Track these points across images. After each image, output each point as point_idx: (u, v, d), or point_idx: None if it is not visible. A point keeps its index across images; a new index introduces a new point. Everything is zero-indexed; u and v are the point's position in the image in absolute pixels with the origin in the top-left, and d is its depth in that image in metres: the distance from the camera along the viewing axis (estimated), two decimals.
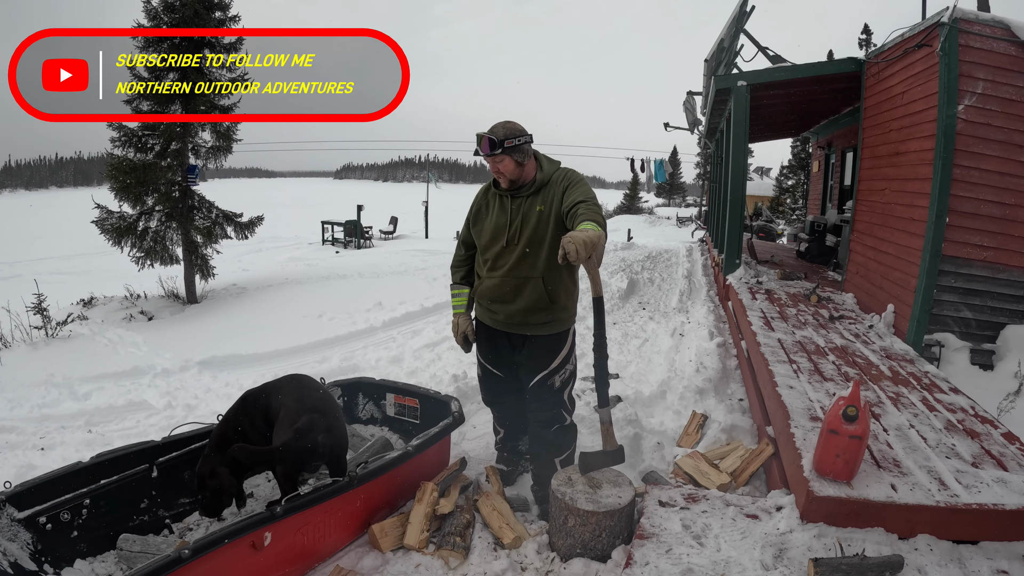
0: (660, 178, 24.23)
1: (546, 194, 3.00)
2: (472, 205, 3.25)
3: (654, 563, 2.35)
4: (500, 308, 3.11)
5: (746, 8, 8.57)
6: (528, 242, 2.97)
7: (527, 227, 2.98)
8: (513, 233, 3.00)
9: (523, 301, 3.02)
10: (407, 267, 12.38)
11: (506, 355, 3.24)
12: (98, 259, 14.87)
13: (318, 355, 6.57)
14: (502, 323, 3.15)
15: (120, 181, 9.35)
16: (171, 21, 9.56)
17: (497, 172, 2.99)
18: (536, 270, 2.99)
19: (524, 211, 3.00)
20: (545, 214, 2.97)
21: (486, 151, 2.92)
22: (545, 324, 3.08)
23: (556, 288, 3.03)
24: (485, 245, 3.11)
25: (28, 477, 3.50)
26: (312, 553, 2.74)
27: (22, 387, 5.46)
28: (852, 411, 2.47)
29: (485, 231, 3.11)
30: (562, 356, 3.13)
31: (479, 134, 2.96)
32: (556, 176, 3.04)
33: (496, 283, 3.07)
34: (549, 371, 3.12)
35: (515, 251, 3.00)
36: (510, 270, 3.02)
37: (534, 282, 3.00)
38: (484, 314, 3.24)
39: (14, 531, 2.49)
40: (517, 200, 3.03)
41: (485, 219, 3.14)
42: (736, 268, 7.61)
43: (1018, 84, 4.67)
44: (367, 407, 4.02)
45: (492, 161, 2.95)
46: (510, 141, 2.91)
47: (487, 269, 3.12)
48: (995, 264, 4.84)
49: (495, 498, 3.13)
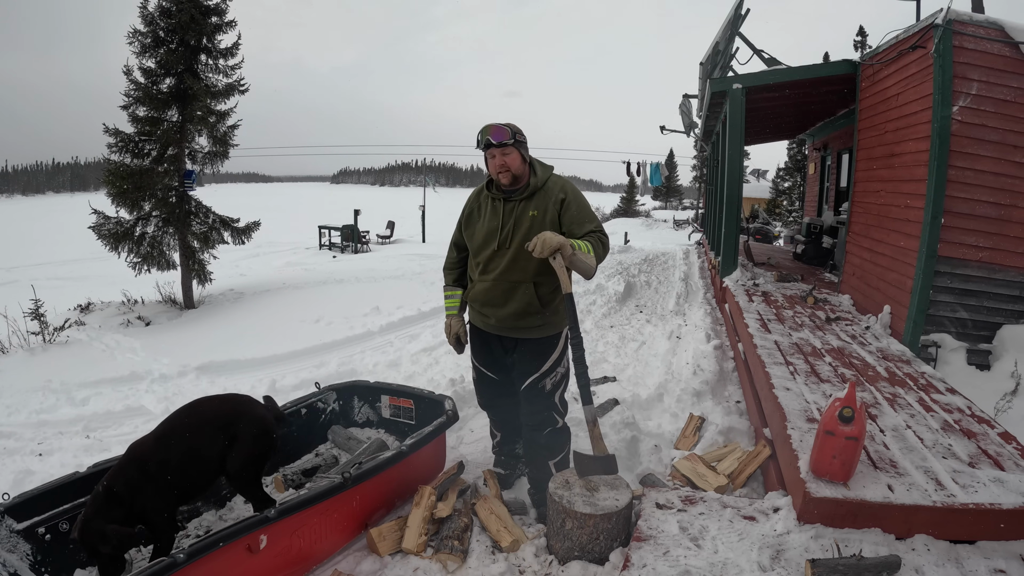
0: (656, 182, 24.23)
1: (540, 200, 2.99)
2: (464, 208, 3.24)
3: (652, 565, 2.35)
4: (491, 312, 3.11)
5: (741, 11, 8.59)
6: (520, 246, 2.95)
7: (519, 231, 2.97)
8: (505, 236, 3.00)
9: (514, 305, 3.03)
10: (404, 271, 12.38)
11: (499, 358, 3.25)
12: (95, 264, 14.85)
13: (316, 360, 6.57)
14: (494, 326, 3.15)
15: (117, 186, 9.35)
16: (167, 26, 9.58)
17: (502, 166, 2.95)
18: (527, 274, 2.99)
19: (517, 215, 3.00)
20: (538, 219, 2.96)
21: (499, 139, 2.89)
22: (536, 328, 3.08)
23: (547, 292, 3.03)
24: (477, 248, 3.12)
25: (26, 483, 3.52)
26: (309, 556, 2.73)
27: (20, 393, 5.45)
28: (848, 412, 2.47)
29: (477, 234, 3.11)
30: (553, 359, 3.13)
31: (487, 126, 2.93)
32: (552, 184, 3.04)
33: (487, 287, 3.07)
34: (540, 374, 3.11)
35: (506, 255, 3.00)
36: (501, 274, 3.02)
37: (525, 286, 3.00)
38: (476, 317, 3.25)
39: (13, 542, 2.49)
40: (510, 204, 3.03)
41: (477, 222, 3.13)
42: (733, 270, 7.62)
43: (1012, 85, 4.69)
44: (363, 410, 4.03)
45: (500, 153, 2.93)
46: (520, 135, 2.96)
47: (479, 272, 3.12)
48: (991, 264, 4.85)
49: (493, 502, 3.12)
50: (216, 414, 2.82)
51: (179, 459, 2.63)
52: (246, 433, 2.80)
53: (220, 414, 2.82)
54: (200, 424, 2.75)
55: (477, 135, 2.96)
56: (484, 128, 2.93)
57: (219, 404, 2.91)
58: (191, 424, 2.75)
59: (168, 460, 2.61)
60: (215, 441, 2.74)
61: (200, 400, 2.95)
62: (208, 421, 2.78)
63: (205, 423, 2.76)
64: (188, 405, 2.88)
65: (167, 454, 2.62)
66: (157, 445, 2.65)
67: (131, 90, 9.52)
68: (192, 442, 2.69)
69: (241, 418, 2.83)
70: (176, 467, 2.61)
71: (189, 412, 2.82)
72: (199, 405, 2.89)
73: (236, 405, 2.91)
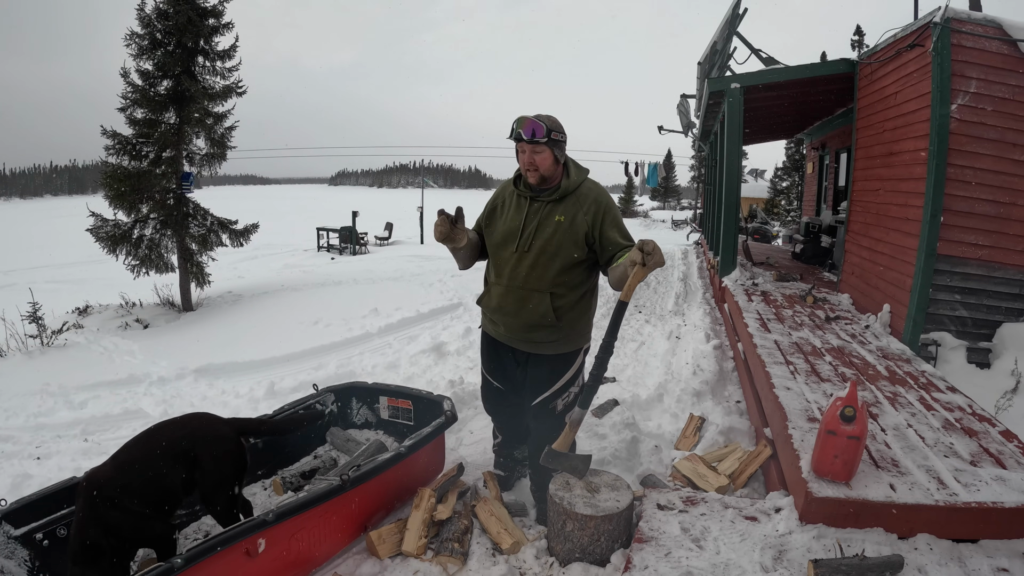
0: (652, 182, 24.23)
1: (570, 205, 2.78)
2: (491, 198, 3.03)
3: (653, 567, 2.34)
4: (502, 319, 2.93)
5: (739, 11, 8.59)
6: (540, 251, 2.76)
7: (541, 235, 2.77)
8: (525, 239, 2.79)
9: (526, 315, 2.83)
10: (403, 273, 12.37)
11: (510, 369, 3.10)
12: (93, 267, 14.81)
13: (314, 362, 6.55)
14: (504, 335, 2.99)
15: (115, 189, 9.32)
16: (164, 28, 9.57)
17: (531, 164, 2.74)
18: (543, 283, 2.79)
19: (541, 217, 2.79)
20: (564, 226, 2.76)
21: (530, 136, 2.66)
22: (550, 343, 2.90)
23: (564, 304, 2.83)
24: (495, 248, 2.92)
25: (24, 486, 3.50)
26: (308, 559, 2.72)
27: (17, 396, 5.43)
28: (850, 411, 2.46)
29: (497, 232, 2.90)
30: (566, 378, 2.96)
31: (522, 117, 2.69)
32: (585, 190, 2.82)
33: (500, 292, 2.88)
34: (551, 393, 2.96)
35: (524, 259, 2.79)
36: (516, 279, 2.82)
37: (540, 296, 2.79)
38: (488, 325, 3.08)
39: (11, 549, 2.47)
40: (536, 204, 2.82)
41: (499, 219, 2.93)
42: (732, 270, 7.61)
43: (1011, 83, 4.69)
44: (361, 411, 4.01)
45: (531, 150, 2.70)
46: (556, 134, 2.71)
47: (494, 275, 2.94)
48: (990, 262, 4.85)
49: (493, 503, 3.11)
50: (171, 441, 2.64)
51: (141, 488, 2.48)
52: (206, 457, 2.66)
53: (174, 440, 2.64)
54: (155, 455, 2.57)
55: (513, 123, 2.73)
56: (519, 119, 2.70)
57: (174, 430, 2.71)
58: (146, 454, 2.57)
59: (129, 487, 2.46)
60: (174, 470, 2.59)
61: (157, 426, 2.75)
62: (164, 450, 2.60)
63: (160, 453, 2.59)
64: (144, 433, 2.70)
65: (127, 481, 2.46)
66: (115, 474, 2.48)
67: (128, 92, 9.49)
68: (150, 472, 2.53)
69: (199, 443, 2.67)
70: (139, 495, 2.47)
71: (145, 441, 2.64)
72: (155, 433, 2.68)
73: (193, 430, 2.73)
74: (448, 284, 10.71)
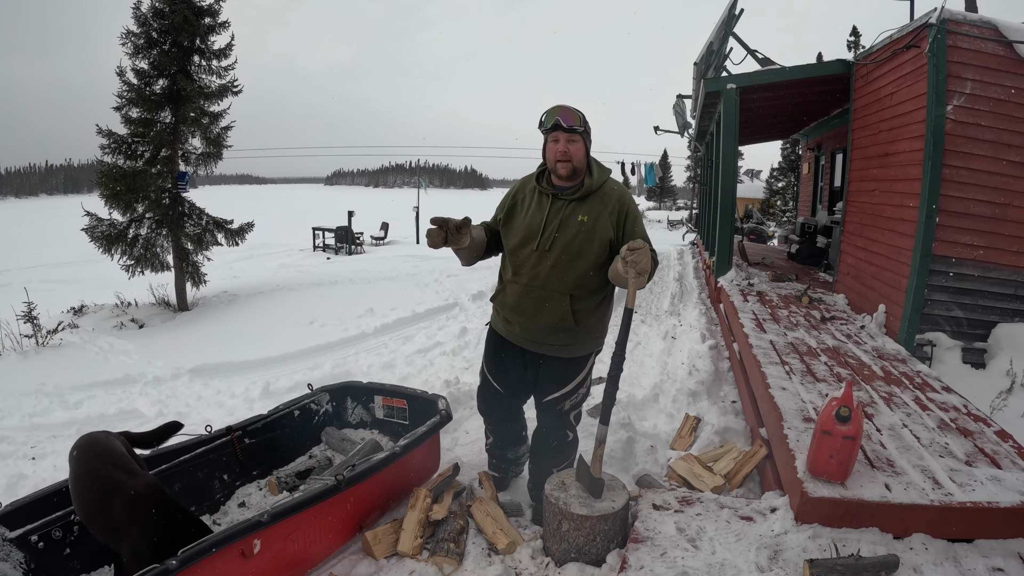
0: (650, 182, 24.20)
1: (593, 204, 2.73)
2: (508, 194, 2.95)
3: (649, 567, 2.34)
4: (517, 320, 2.86)
5: (735, 12, 8.61)
6: (561, 251, 2.70)
7: (564, 234, 2.71)
8: (547, 238, 2.72)
9: (545, 317, 2.77)
10: (398, 273, 12.35)
11: (513, 373, 3.05)
12: (88, 267, 14.75)
13: (310, 361, 6.54)
14: (518, 336, 2.92)
15: (110, 188, 9.30)
16: (160, 27, 9.54)
17: (564, 154, 2.66)
18: (564, 284, 2.73)
19: (564, 216, 2.73)
20: (587, 226, 2.70)
21: (569, 123, 2.61)
22: (565, 347, 2.86)
23: (583, 308, 2.79)
24: (514, 246, 2.83)
25: (19, 487, 3.49)
26: (304, 559, 2.71)
27: (12, 396, 5.41)
28: (845, 411, 2.46)
29: (516, 230, 2.82)
30: (577, 381, 2.95)
31: (556, 106, 2.64)
32: (608, 190, 2.77)
33: (519, 291, 2.81)
34: (560, 395, 2.95)
35: (545, 259, 2.73)
36: (535, 279, 2.76)
37: (560, 297, 2.74)
38: (500, 324, 2.99)
39: (6, 551, 2.45)
40: (559, 202, 2.75)
41: (518, 216, 2.85)
42: (727, 270, 7.62)
43: (1006, 84, 4.70)
44: (356, 411, 4.00)
45: (566, 139, 2.64)
46: (588, 126, 2.68)
47: (511, 274, 2.86)
48: (986, 263, 4.86)
49: (489, 503, 3.10)
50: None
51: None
52: (122, 516, 2.33)
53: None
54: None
55: (542, 115, 2.68)
56: (553, 108, 2.64)
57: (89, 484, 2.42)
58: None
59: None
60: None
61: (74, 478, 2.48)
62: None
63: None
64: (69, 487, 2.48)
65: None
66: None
67: (124, 91, 9.47)
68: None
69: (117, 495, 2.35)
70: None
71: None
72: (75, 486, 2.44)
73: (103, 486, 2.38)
74: (444, 284, 10.70)
